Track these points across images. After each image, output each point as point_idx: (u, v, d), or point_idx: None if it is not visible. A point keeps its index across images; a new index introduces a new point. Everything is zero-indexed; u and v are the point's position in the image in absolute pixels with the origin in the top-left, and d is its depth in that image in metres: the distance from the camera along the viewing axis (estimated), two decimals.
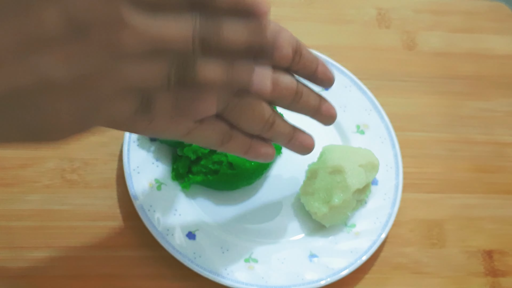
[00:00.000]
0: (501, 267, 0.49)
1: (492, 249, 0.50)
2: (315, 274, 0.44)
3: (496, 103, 0.58)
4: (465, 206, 0.52)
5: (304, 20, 0.59)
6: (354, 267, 0.44)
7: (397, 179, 0.49)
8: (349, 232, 0.47)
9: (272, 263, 0.44)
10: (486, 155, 0.55)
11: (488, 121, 0.57)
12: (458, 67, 0.60)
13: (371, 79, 0.56)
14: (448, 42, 0.61)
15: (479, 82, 0.59)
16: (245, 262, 0.44)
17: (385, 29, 0.61)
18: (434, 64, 0.59)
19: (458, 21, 0.63)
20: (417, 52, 0.60)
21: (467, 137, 0.55)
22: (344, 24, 0.60)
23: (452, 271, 0.48)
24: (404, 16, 0.62)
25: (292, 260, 0.45)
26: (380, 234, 0.46)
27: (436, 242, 0.49)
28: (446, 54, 0.60)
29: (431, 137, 0.55)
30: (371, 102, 0.52)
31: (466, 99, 0.58)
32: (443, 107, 0.57)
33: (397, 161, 0.50)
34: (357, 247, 0.45)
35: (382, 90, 0.56)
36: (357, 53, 0.58)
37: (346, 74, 0.53)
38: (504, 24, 0.63)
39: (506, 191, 0.53)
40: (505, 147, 0.55)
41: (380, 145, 0.51)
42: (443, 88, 0.58)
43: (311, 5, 0.61)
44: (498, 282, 0.48)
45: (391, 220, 0.47)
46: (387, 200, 0.48)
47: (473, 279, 0.48)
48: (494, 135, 0.56)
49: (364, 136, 0.51)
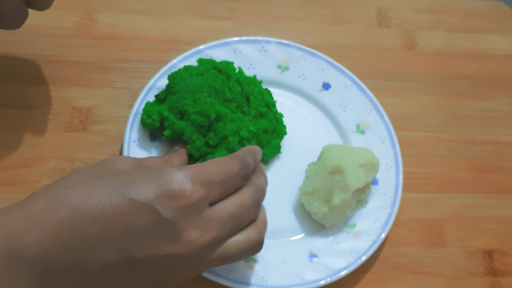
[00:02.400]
0: (501, 267, 0.49)
1: (492, 249, 0.50)
2: (315, 274, 0.44)
3: (496, 103, 0.58)
4: (465, 206, 0.52)
5: (304, 20, 0.59)
6: (354, 267, 0.44)
7: (397, 179, 0.49)
8: (349, 232, 0.47)
9: (272, 263, 0.44)
10: (486, 155, 0.55)
11: (488, 121, 0.57)
12: (458, 67, 0.60)
13: (371, 78, 0.56)
14: (448, 41, 0.61)
15: (479, 81, 0.59)
16: (245, 262, 0.44)
17: (385, 28, 0.61)
18: (434, 64, 0.59)
19: (458, 21, 0.63)
20: (417, 51, 0.60)
21: (467, 137, 0.55)
22: (344, 24, 0.60)
23: (452, 271, 0.48)
24: (404, 15, 0.62)
25: (292, 260, 0.45)
26: (380, 234, 0.46)
27: (436, 242, 0.49)
28: (446, 54, 0.60)
29: (431, 137, 0.55)
30: (371, 102, 0.52)
31: (466, 99, 0.58)
32: (443, 106, 0.57)
33: (397, 161, 0.50)
34: (357, 247, 0.45)
35: (382, 90, 0.56)
36: (357, 53, 0.58)
37: (346, 74, 0.53)
38: (504, 24, 0.63)
39: (506, 191, 0.53)
40: (505, 147, 0.55)
41: (380, 145, 0.51)
42: (443, 88, 0.58)
43: (311, 5, 0.61)
44: (498, 282, 0.48)
45: (391, 220, 0.47)
46: (387, 200, 0.48)
47: (473, 279, 0.48)
48: (494, 135, 0.56)
49: (364, 135, 0.51)
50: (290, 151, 0.51)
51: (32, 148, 0.48)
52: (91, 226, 0.31)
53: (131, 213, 0.32)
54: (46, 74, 0.51)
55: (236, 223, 0.36)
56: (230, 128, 0.45)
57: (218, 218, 0.35)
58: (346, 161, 0.45)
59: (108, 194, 0.32)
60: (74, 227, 0.30)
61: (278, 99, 0.52)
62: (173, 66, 0.50)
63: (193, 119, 0.45)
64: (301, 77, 0.54)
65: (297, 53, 0.54)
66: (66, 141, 0.48)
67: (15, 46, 0.52)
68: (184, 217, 0.33)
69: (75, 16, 0.55)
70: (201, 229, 0.33)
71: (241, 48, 0.53)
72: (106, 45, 0.54)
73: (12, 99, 0.49)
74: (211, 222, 0.34)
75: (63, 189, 0.32)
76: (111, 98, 0.51)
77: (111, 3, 0.56)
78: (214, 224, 0.34)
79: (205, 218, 0.34)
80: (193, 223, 0.33)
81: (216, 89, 0.47)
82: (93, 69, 0.52)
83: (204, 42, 0.54)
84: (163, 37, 0.55)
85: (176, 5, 0.58)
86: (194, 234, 0.33)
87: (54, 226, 0.30)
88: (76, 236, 0.30)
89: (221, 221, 0.35)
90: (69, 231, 0.30)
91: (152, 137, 0.48)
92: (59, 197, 0.32)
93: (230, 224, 0.35)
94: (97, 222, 0.31)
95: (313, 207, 0.46)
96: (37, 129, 0.49)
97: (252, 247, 0.37)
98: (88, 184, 0.33)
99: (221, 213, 0.35)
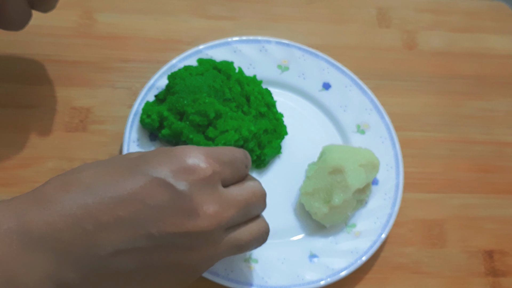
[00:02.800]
0: (502, 267, 0.49)
1: (492, 249, 0.50)
2: (315, 274, 0.44)
3: (496, 103, 0.58)
4: (466, 206, 0.52)
5: (304, 20, 0.59)
6: (354, 267, 0.44)
7: (398, 179, 0.49)
8: (349, 232, 0.47)
9: (272, 263, 0.44)
10: (486, 154, 0.55)
11: (488, 121, 0.57)
12: (459, 67, 0.59)
13: (372, 78, 0.56)
14: (449, 41, 0.61)
15: (480, 81, 0.59)
16: (245, 262, 0.44)
17: (385, 28, 0.61)
18: (434, 64, 0.59)
19: (458, 21, 0.63)
20: (417, 51, 0.60)
21: (467, 137, 0.55)
22: (345, 24, 0.60)
23: (453, 271, 0.48)
24: (404, 15, 0.62)
25: (292, 260, 0.45)
26: (381, 234, 0.46)
27: (437, 242, 0.49)
28: (447, 54, 0.60)
29: (431, 137, 0.55)
30: (372, 102, 0.52)
31: (466, 99, 0.58)
32: (444, 106, 0.57)
33: (397, 161, 0.50)
34: (357, 247, 0.45)
35: (383, 90, 0.56)
36: (358, 53, 0.58)
37: (346, 74, 0.53)
38: (504, 24, 0.63)
39: (506, 191, 0.53)
40: (506, 146, 0.55)
41: (381, 145, 0.51)
42: (444, 88, 0.58)
43: (311, 4, 0.61)
44: (498, 282, 0.48)
45: (391, 220, 0.47)
46: (388, 200, 0.48)
47: (474, 279, 0.48)
48: (494, 135, 0.56)
49: (364, 135, 0.51)
50: (290, 151, 0.51)
51: (31, 148, 0.48)
52: (104, 204, 0.30)
53: (145, 189, 0.31)
54: (45, 74, 0.51)
55: (249, 210, 0.36)
56: (231, 124, 0.45)
57: (233, 200, 0.34)
58: (346, 161, 0.45)
59: (121, 173, 0.31)
60: (87, 204, 0.30)
61: (278, 99, 0.52)
62: (173, 66, 0.50)
63: (192, 119, 0.45)
64: (301, 77, 0.53)
65: (297, 53, 0.54)
66: (65, 141, 0.48)
67: (15, 46, 0.52)
68: (200, 191, 0.32)
69: (74, 16, 0.55)
70: (218, 204, 0.33)
71: (241, 48, 0.53)
72: (106, 45, 0.54)
73: (11, 99, 0.49)
74: (227, 202, 0.34)
75: (76, 173, 0.32)
76: (111, 98, 0.51)
77: (111, 3, 0.56)
78: (230, 205, 0.34)
79: (220, 195, 0.33)
80: (210, 196, 0.33)
81: (216, 89, 0.47)
82: (92, 69, 0.52)
83: (204, 42, 0.54)
84: (163, 37, 0.55)
85: (176, 5, 0.58)
86: (212, 208, 0.32)
87: (66, 205, 0.30)
88: (89, 214, 0.30)
89: (236, 203, 0.34)
90: (81, 210, 0.30)
91: (152, 137, 0.48)
92: (71, 179, 0.31)
93: (243, 210, 0.35)
94: (111, 199, 0.30)
95: (313, 207, 0.46)
96: (36, 129, 0.49)
97: (262, 237, 0.37)
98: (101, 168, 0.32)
99: (236, 196, 0.35)
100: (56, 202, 0.30)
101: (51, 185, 0.31)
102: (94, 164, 0.34)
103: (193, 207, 0.32)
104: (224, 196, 0.34)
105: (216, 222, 0.32)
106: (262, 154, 0.48)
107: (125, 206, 0.30)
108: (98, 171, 0.32)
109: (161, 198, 0.31)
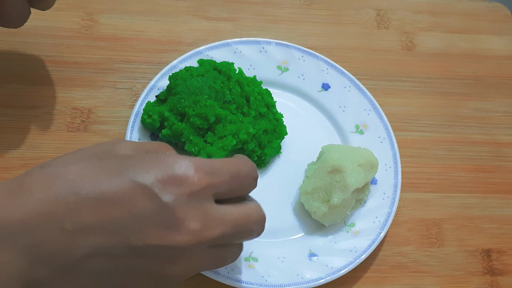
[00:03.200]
0: (499, 266, 0.49)
1: (490, 248, 0.50)
2: (314, 273, 0.44)
3: (494, 104, 0.58)
4: (464, 206, 0.52)
5: (303, 21, 0.60)
6: (353, 266, 0.45)
7: (396, 179, 0.49)
8: (349, 231, 0.47)
9: (272, 262, 0.45)
10: (484, 155, 0.55)
11: (486, 121, 0.57)
12: (457, 68, 0.60)
13: (370, 79, 0.57)
14: (447, 42, 0.61)
15: (478, 82, 0.59)
16: (245, 261, 0.44)
17: (384, 30, 0.61)
18: (432, 65, 0.59)
19: (456, 22, 0.63)
20: (415, 52, 0.60)
21: (465, 137, 0.56)
22: (343, 25, 0.60)
23: (451, 270, 0.48)
24: (402, 17, 0.62)
25: (292, 259, 0.45)
26: (379, 233, 0.46)
27: (435, 241, 0.50)
28: (445, 55, 0.60)
29: (429, 137, 0.55)
30: (370, 102, 0.53)
31: (464, 100, 0.58)
32: (442, 107, 0.57)
33: (396, 161, 0.50)
34: (356, 246, 0.46)
35: (381, 91, 0.56)
36: (356, 54, 0.58)
37: (345, 75, 0.54)
38: (502, 25, 0.64)
39: (504, 191, 0.53)
40: (503, 147, 0.56)
41: (379, 145, 0.51)
42: (442, 89, 0.58)
43: (310, 6, 0.61)
44: (496, 281, 0.49)
45: (390, 220, 0.47)
46: (386, 200, 0.48)
47: (472, 278, 0.48)
48: (492, 135, 0.56)
49: (363, 136, 0.52)
50: (289, 151, 0.51)
51: (33, 148, 0.48)
52: (86, 205, 0.29)
53: (129, 195, 0.30)
54: (47, 74, 0.52)
55: (238, 232, 0.34)
56: (229, 129, 0.46)
57: (220, 219, 0.32)
58: (345, 161, 0.46)
59: (107, 174, 0.30)
60: (68, 203, 0.29)
61: (278, 99, 0.52)
62: (174, 67, 0.51)
63: (193, 121, 0.45)
64: (300, 78, 0.54)
65: (296, 54, 0.54)
66: (67, 141, 0.49)
67: (17, 47, 0.52)
68: (185, 205, 0.31)
69: (76, 17, 0.55)
70: (202, 221, 0.31)
71: (241, 49, 0.53)
72: (107, 46, 0.54)
73: (13, 100, 0.50)
74: (213, 220, 0.32)
75: (60, 167, 0.31)
76: (112, 99, 0.52)
77: (113, 4, 0.57)
78: (215, 224, 0.32)
79: (207, 212, 0.32)
80: (195, 212, 0.31)
81: (216, 90, 0.47)
82: (94, 70, 0.53)
83: (204, 43, 0.54)
84: (164, 38, 0.56)
85: (177, 7, 0.58)
86: (194, 225, 0.31)
87: (46, 202, 0.28)
88: (70, 214, 0.29)
89: (223, 223, 0.32)
90: (62, 209, 0.28)
91: (153, 137, 0.48)
92: (54, 173, 0.30)
93: (231, 231, 0.33)
94: (93, 201, 0.29)
95: (312, 207, 0.46)
96: (38, 129, 0.49)
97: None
98: (87, 163, 0.31)
99: (224, 215, 0.33)
100: (35, 199, 0.29)
101: (32, 178, 0.30)
102: (78, 156, 0.32)
103: (175, 221, 0.30)
104: (211, 213, 0.32)
105: (196, 239, 0.31)
106: (263, 154, 0.48)
107: (107, 210, 0.29)
108: (84, 168, 0.30)
109: (144, 207, 0.30)
